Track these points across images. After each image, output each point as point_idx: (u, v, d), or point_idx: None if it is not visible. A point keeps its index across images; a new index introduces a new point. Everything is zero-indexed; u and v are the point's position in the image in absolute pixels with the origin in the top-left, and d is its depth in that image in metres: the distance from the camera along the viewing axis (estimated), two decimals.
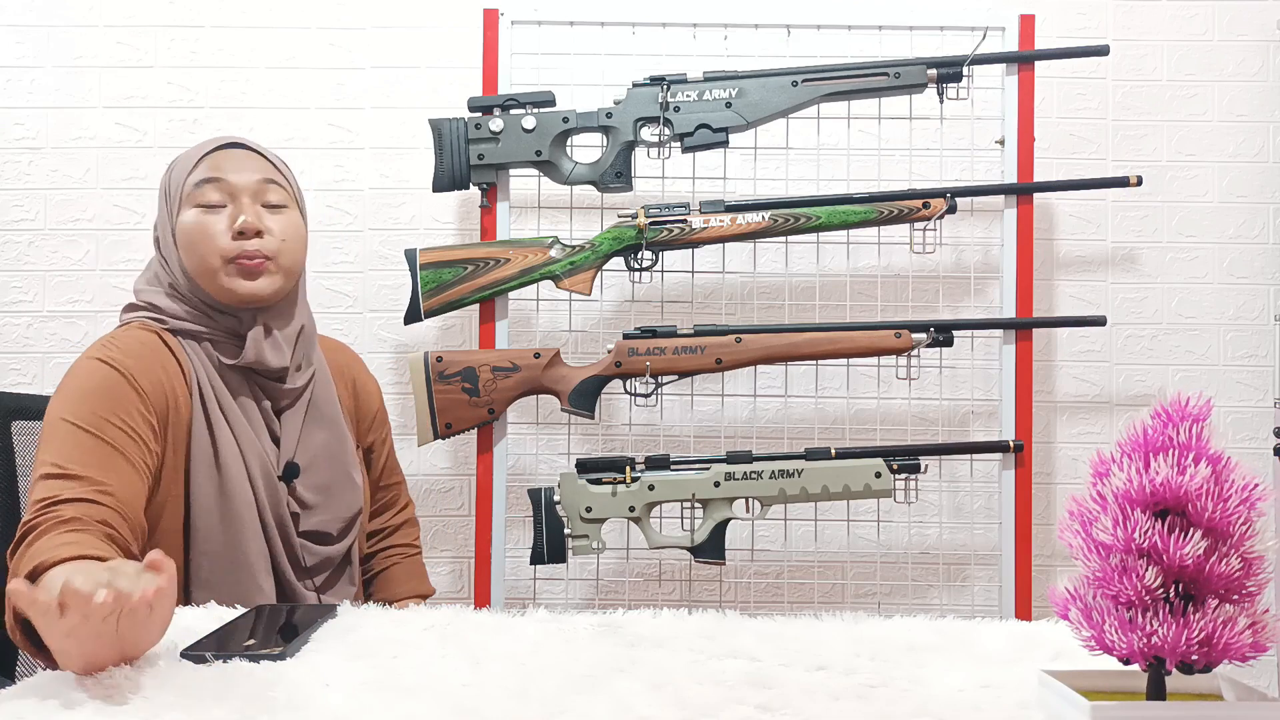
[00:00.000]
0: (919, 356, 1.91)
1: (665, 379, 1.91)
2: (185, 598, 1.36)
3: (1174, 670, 0.77)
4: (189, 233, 1.42)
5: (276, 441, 1.47)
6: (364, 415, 1.65)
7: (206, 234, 1.42)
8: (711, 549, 1.87)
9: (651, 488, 1.86)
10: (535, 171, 1.94)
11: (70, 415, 1.30)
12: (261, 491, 1.41)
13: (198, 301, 1.44)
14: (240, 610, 1.16)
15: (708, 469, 1.87)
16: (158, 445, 1.36)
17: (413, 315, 1.90)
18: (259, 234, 1.43)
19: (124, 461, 1.29)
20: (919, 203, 1.90)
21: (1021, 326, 1.94)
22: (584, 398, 1.89)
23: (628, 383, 1.90)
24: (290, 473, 1.45)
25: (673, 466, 1.87)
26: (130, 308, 1.48)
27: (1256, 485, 0.77)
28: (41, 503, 1.23)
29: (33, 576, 1.12)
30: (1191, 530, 0.76)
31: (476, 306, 1.94)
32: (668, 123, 1.89)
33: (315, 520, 1.47)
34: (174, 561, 0.94)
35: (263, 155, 1.49)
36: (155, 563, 0.92)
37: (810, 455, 1.87)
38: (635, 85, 1.91)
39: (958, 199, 1.91)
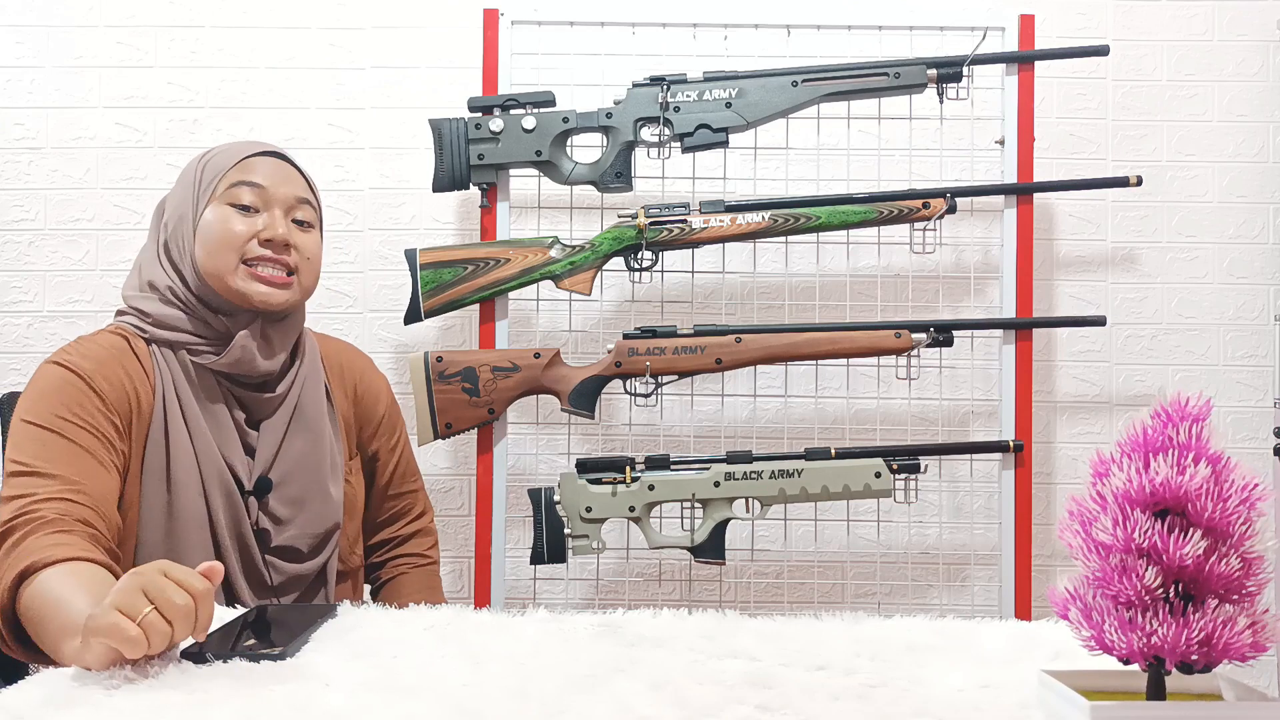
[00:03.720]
0: (919, 356, 1.91)
1: (665, 379, 1.91)
2: None
3: (1174, 670, 0.77)
4: (212, 227, 1.40)
5: (252, 454, 1.43)
6: (366, 421, 1.60)
7: (231, 232, 1.39)
8: (711, 549, 1.87)
9: (651, 488, 1.86)
10: (535, 171, 1.94)
11: (31, 416, 1.30)
12: (219, 509, 1.37)
13: (196, 304, 1.41)
14: (240, 610, 1.16)
15: (708, 469, 1.87)
16: (124, 445, 1.34)
17: (413, 315, 1.90)
18: (287, 247, 1.42)
19: (92, 460, 1.29)
20: (919, 203, 1.90)
21: (1021, 326, 1.94)
22: (584, 398, 1.89)
23: (628, 383, 1.90)
24: (263, 487, 1.41)
25: (673, 466, 1.87)
26: (119, 313, 1.46)
27: (1256, 485, 0.77)
28: (17, 501, 1.22)
29: (23, 576, 1.13)
30: (1191, 530, 0.76)
31: (476, 306, 1.94)
32: (668, 123, 1.89)
33: (286, 536, 1.42)
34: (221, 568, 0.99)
35: (300, 173, 1.48)
36: (209, 569, 0.96)
37: (810, 455, 1.87)
38: (635, 85, 1.91)
39: (957, 199, 1.91)
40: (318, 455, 1.47)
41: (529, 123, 1.89)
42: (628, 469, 1.86)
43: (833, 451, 1.88)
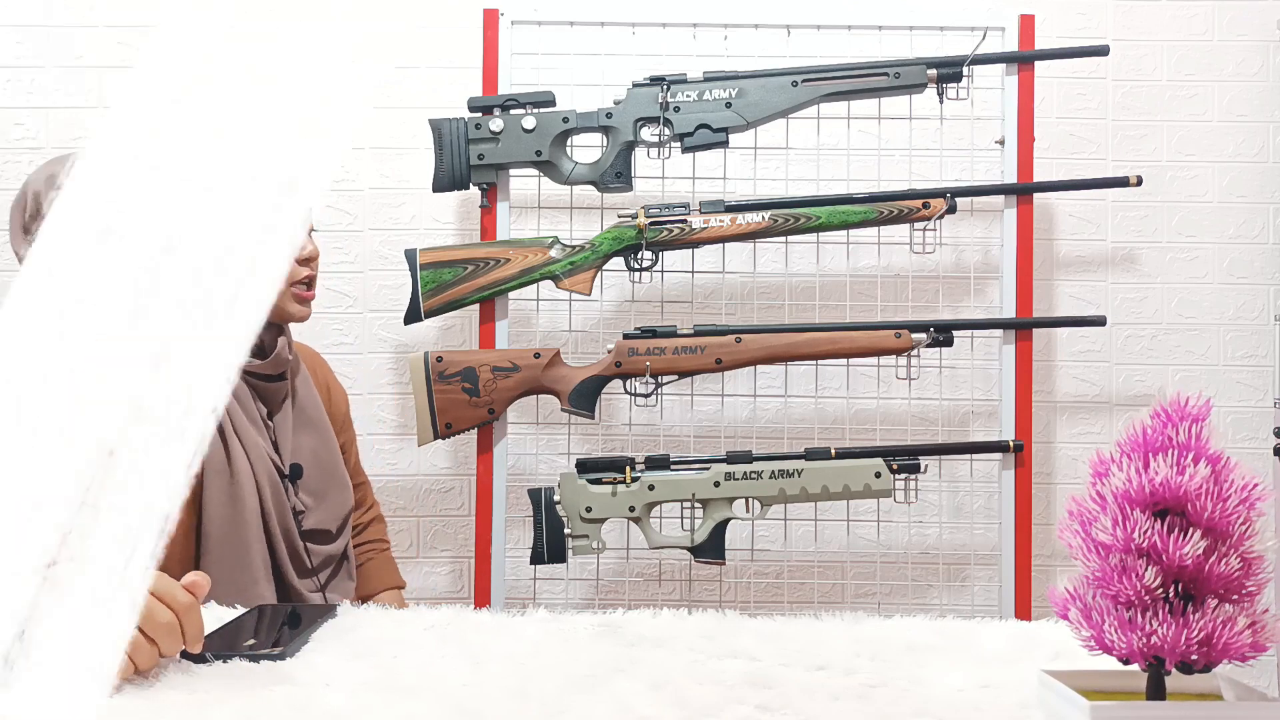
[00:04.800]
0: (919, 356, 1.91)
1: (665, 379, 1.91)
2: None
3: (1174, 670, 0.77)
4: None
5: (274, 445, 1.50)
6: (335, 418, 1.70)
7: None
8: (711, 549, 1.87)
9: (651, 488, 1.86)
10: (535, 171, 1.94)
11: None
12: (268, 497, 1.43)
13: None
14: (240, 610, 1.16)
15: (708, 469, 1.87)
16: None
17: (413, 315, 1.90)
18: (314, 261, 1.54)
19: None
20: (919, 203, 1.90)
21: (1021, 326, 1.94)
22: (584, 398, 1.89)
23: (628, 383, 1.90)
24: (296, 472, 1.49)
25: (673, 466, 1.87)
26: None
27: (1256, 485, 0.77)
28: None
29: None
30: (1191, 530, 0.76)
31: (476, 306, 1.94)
32: (668, 123, 1.89)
33: (314, 519, 1.50)
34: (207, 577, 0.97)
35: None
36: (192, 584, 0.94)
37: (810, 455, 1.87)
38: (635, 85, 1.91)
39: (957, 199, 1.91)
40: (327, 443, 1.58)
41: (529, 123, 1.89)
42: (628, 469, 1.86)
43: (833, 451, 1.88)
